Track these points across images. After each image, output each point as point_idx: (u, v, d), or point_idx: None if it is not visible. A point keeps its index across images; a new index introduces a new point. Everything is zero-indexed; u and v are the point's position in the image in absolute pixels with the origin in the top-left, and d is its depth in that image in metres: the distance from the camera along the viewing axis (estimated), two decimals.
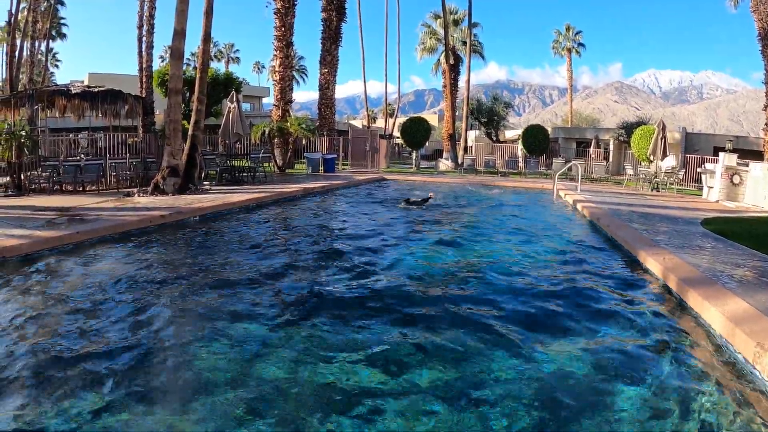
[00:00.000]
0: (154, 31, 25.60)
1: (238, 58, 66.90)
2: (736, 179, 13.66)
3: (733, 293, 4.58)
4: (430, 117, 47.62)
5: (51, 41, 39.28)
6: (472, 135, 32.80)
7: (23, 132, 11.18)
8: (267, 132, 19.59)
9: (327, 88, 25.80)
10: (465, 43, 30.54)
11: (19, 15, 29.40)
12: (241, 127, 16.72)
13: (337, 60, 25.69)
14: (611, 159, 25.51)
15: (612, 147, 26.53)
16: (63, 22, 43.80)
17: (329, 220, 10.05)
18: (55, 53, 49.83)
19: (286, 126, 19.74)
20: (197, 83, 13.10)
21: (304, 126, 19.69)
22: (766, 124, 21.41)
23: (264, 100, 49.06)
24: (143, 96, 23.15)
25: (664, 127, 17.46)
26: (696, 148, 23.89)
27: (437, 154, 33.00)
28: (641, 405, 3.14)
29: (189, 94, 23.86)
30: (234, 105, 16.47)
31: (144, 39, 25.49)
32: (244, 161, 16.61)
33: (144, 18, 25.20)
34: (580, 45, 48.15)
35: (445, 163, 26.66)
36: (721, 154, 14.60)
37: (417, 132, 25.77)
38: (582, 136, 29.75)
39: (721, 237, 7.78)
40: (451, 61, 29.25)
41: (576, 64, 49.95)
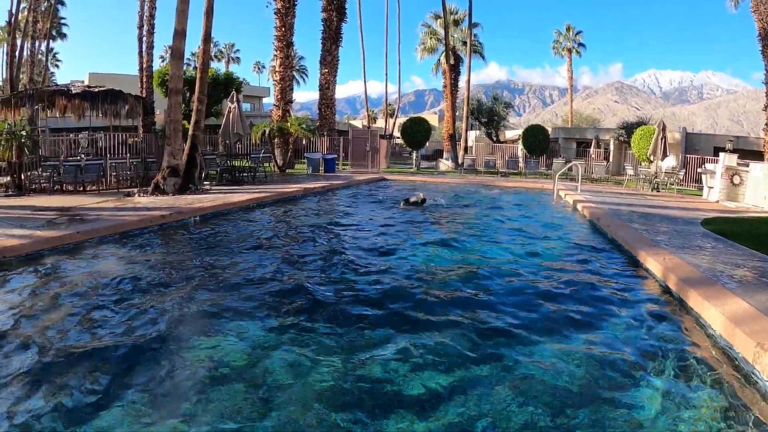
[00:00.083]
0: (154, 31, 25.66)
1: (238, 58, 67.06)
2: (736, 179, 13.66)
3: (733, 293, 4.58)
4: (430, 117, 47.68)
5: (51, 41, 39.37)
6: (472, 135, 32.82)
7: (24, 132, 11.19)
8: (267, 132, 19.60)
9: (327, 88, 25.82)
10: (465, 43, 30.56)
11: (20, 15, 29.44)
12: (242, 127, 16.73)
13: (338, 60, 25.71)
14: (611, 159, 25.51)
15: (612, 147, 26.54)
16: (63, 22, 43.94)
17: (330, 220, 10.06)
18: (56, 53, 49.99)
19: (286, 126, 19.75)
20: (197, 83, 13.12)
21: (304, 126, 19.71)
22: (766, 124, 21.43)
23: (264, 100, 49.09)
24: (143, 96, 23.17)
25: (664, 128, 17.47)
26: (696, 148, 23.89)
27: (437, 154, 33.01)
28: (640, 405, 3.14)
29: (189, 94, 23.88)
30: (234, 105, 16.48)
31: (144, 39, 25.53)
32: (244, 161, 16.62)
33: (144, 18, 25.25)
34: (580, 45, 48.22)
35: (446, 164, 26.66)
36: (722, 154, 14.60)
37: (417, 132, 25.78)
38: (582, 136, 29.76)
39: (722, 237, 7.78)
40: (452, 62, 29.26)
41: (576, 64, 50.02)
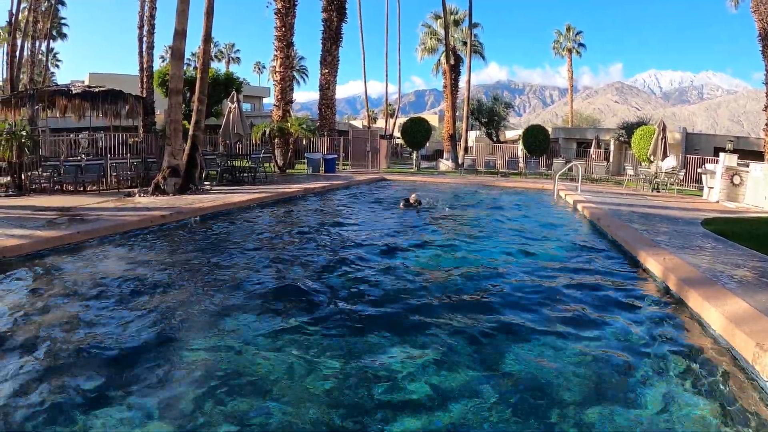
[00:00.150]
0: (154, 32, 25.69)
1: (238, 58, 67.07)
2: (736, 180, 13.66)
3: (733, 293, 4.58)
4: (430, 117, 47.66)
5: (51, 41, 39.37)
6: (472, 135, 32.81)
7: (24, 132, 11.20)
8: (267, 132, 19.60)
9: (327, 88, 25.83)
10: (465, 44, 30.56)
11: (20, 15, 29.43)
12: (242, 128, 16.73)
13: (338, 60, 25.72)
14: (612, 159, 25.50)
15: (612, 147, 26.54)
16: (63, 22, 43.91)
17: (330, 220, 10.06)
18: (56, 53, 49.96)
19: (286, 126, 19.76)
20: (198, 83, 13.12)
21: (304, 126, 19.71)
22: (766, 124, 21.42)
23: (264, 100, 49.09)
24: (144, 96, 23.19)
25: (664, 128, 17.47)
26: (696, 148, 23.88)
27: (438, 154, 33.01)
28: (639, 405, 3.14)
29: (189, 94, 23.87)
30: (234, 105, 16.48)
31: (144, 39, 25.56)
32: (244, 161, 16.62)
33: (144, 18, 25.28)
34: (580, 45, 48.21)
35: (446, 164, 26.66)
36: (722, 154, 14.59)
37: (417, 132, 25.78)
38: (582, 136, 29.76)
39: (722, 237, 7.78)
40: (452, 62, 29.25)
41: (576, 64, 50.11)
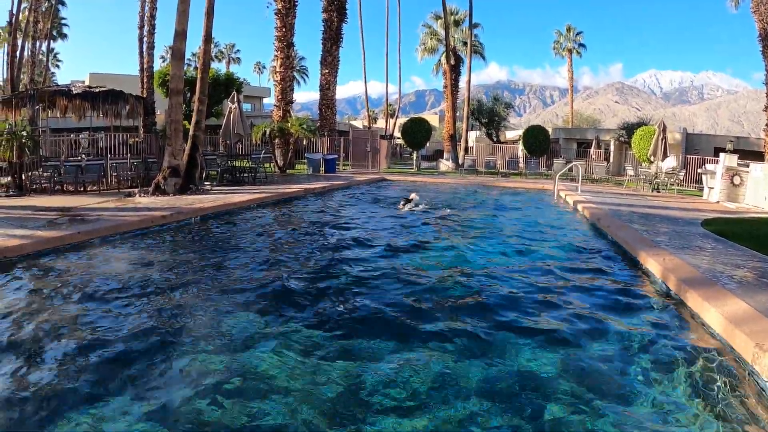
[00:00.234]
0: (155, 32, 25.68)
1: (239, 58, 67.11)
2: (736, 180, 13.66)
3: (733, 294, 4.59)
4: (430, 117, 47.66)
5: (52, 41, 39.38)
6: (472, 135, 32.81)
7: (24, 132, 11.21)
8: (268, 132, 19.61)
9: (328, 88, 25.83)
10: (466, 44, 30.57)
11: (20, 15, 29.41)
12: (242, 128, 16.73)
13: (338, 60, 25.71)
14: (612, 160, 25.50)
15: (613, 148, 26.53)
16: (64, 22, 43.89)
17: (330, 220, 10.07)
18: (56, 53, 49.99)
19: (286, 126, 19.76)
20: (198, 83, 13.13)
21: (304, 126, 19.72)
22: (766, 124, 21.42)
23: (265, 100, 49.10)
24: (144, 96, 23.20)
25: (664, 128, 17.47)
26: (696, 148, 23.88)
27: (438, 154, 33.00)
28: (639, 405, 3.15)
29: (190, 94, 23.86)
30: (235, 105, 16.48)
31: (145, 39, 25.56)
32: (245, 161, 16.63)
33: (145, 18, 25.28)
34: (580, 45, 48.17)
35: (446, 164, 26.67)
36: (722, 154, 14.59)
37: (418, 132, 25.78)
38: (583, 136, 29.76)
39: (722, 238, 7.78)
40: (452, 62, 29.25)
41: (577, 64, 50.15)
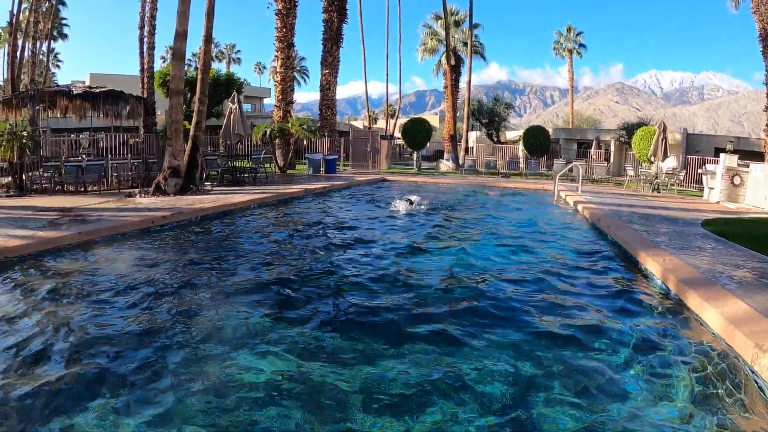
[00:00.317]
0: (155, 32, 25.69)
1: (239, 58, 67.17)
2: (736, 180, 13.66)
3: (733, 294, 4.59)
4: (431, 118, 47.67)
5: (52, 41, 39.43)
6: (473, 136, 32.81)
7: (25, 132, 11.22)
8: (268, 133, 19.62)
9: (328, 88, 25.84)
10: (466, 44, 30.58)
11: (21, 15, 29.44)
12: (243, 128, 16.75)
13: (338, 61, 25.72)
14: (612, 160, 25.49)
15: (613, 148, 26.52)
16: (64, 22, 43.92)
17: (330, 221, 10.09)
18: (57, 53, 50.05)
19: (287, 127, 19.78)
20: (198, 84, 13.15)
21: (305, 127, 19.73)
22: (767, 125, 21.42)
23: (265, 100, 49.13)
24: (144, 96, 23.21)
25: (665, 128, 17.46)
26: (697, 149, 23.87)
27: (438, 154, 33.00)
28: (638, 405, 3.15)
29: (190, 94, 23.91)
30: (235, 106, 16.50)
31: (145, 40, 25.58)
32: (245, 162, 16.65)
33: (145, 19, 25.30)
34: (581, 46, 48.17)
35: (446, 164, 26.67)
36: (722, 155, 14.58)
37: (418, 133, 25.79)
38: (583, 137, 29.76)
39: (722, 238, 7.78)
40: (452, 62, 29.25)
41: (577, 64, 50.14)
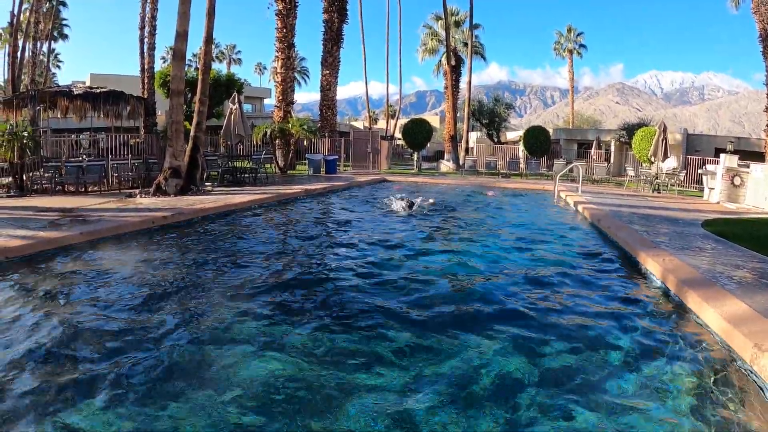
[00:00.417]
0: (155, 32, 25.69)
1: (239, 59, 67.25)
2: (737, 181, 13.66)
3: (732, 294, 4.59)
4: (431, 118, 47.71)
5: (53, 42, 39.50)
6: (473, 136, 32.84)
7: (25, 133, 11.23)
8: (269, 133, 19.64)
9: (328, 89, 25.85)
10: (466, 45, 30.62)
11: (22, 16, 29.48)
12: (243, 128, 16.76)
13: (339, 61, 25.74)
14: (612, 160, 25.51)
15: (613, 148, 26.54)
16: (65, 23, 43.97)
17: (330, 221, 10.10)
18: (57, 54, 50.16)
19: (287, 127, 19.79)
20: (199, 84, 13.17)
21: (305, 127, 19.75)
22: (767, 125, 21.42)
23: (265, 101, 49.15)
24: (145, 97, 23.24)
25: (665, 129, 17.47)
26: (697, 149, 23.88)
27: (439, 155, 33.04)
28: (637, 405, 3.16)
29: (191, 95, 23.93)
30: (236, 106, 16.52)
31: (146, 40, 25.59)
32: (245, 162, 16.66)
33: (146, 19, 25.30)
34: (581, 46, 48.25)
35: (447, 165, 26.68)
36: (722, 155, 14.59)
37: (418, 133, 25.81)
38: (583, 137, 29.79)
39: (722, 238, 7.78)
40: (453, 63, 29.29)
41: (577, 65, 50.16)
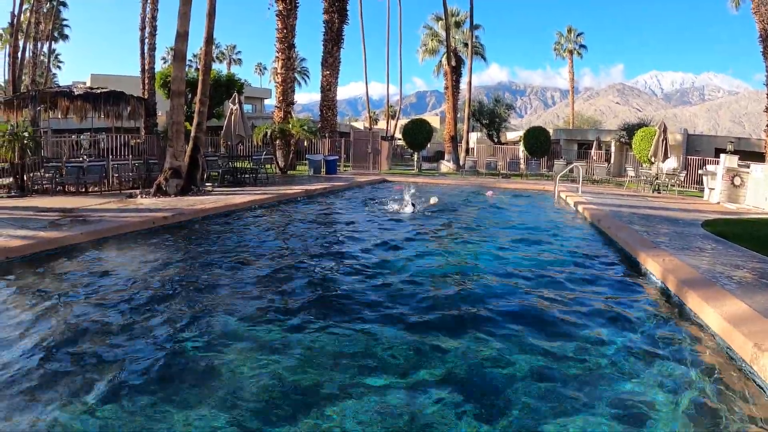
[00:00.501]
0: (156, 33, 25.68)
1: (240, 59, 67.28)
2: (737, 181, 13.67)
3: (732, 295, 4.60)
4: (431, 119, 47.71)
5: (53, 42, 39.48)
6: (473, 137, 32.84)
7: (26, 133, 11.26)
8: (269, 133, 19.66)
9: (329, 89, 25.88)
10: (466, 45, 30.64)
11: (22, 16, 29.48)
12: (243, 129, 16.78)
13: (339, 62, 25.77)
14: (612, 161, 25.51)
15: (613, 149, 26.54)
16: (65, 23, 43.94)
17: (330, 221, 10.11)
18: (58, 54, 50.14)
19: (287, 127, 19.81)
20: (199, 85, 13.18)
21: (305, 128, 19.77)
22: (767, 125, 21.42)
23: (266, 101, 49.15)
24: (145, 97, 23.25)
25: (665, 129, 17.48)
26: (697, 149, 23.89)
27: (439, 155, 33.04)
28: (636, 405, 3.16)
29: (191, 95, 23.92)
30: (236, 106, 16.53)
31: (146, 40, 25.59)
32: (246, 163, 16.67)
33: (146, 20, 25.30)
34: (581, 47, 48.29)
35: (447, 165, 26.69)
36: (723, 155, 14.60)
37: (419, 134, 25.81)
38: (583, 137, 29.79)
39: (722, 239, 7.79)
40: (453, 63, 29.30)
41: (577, 65, 50.22)
